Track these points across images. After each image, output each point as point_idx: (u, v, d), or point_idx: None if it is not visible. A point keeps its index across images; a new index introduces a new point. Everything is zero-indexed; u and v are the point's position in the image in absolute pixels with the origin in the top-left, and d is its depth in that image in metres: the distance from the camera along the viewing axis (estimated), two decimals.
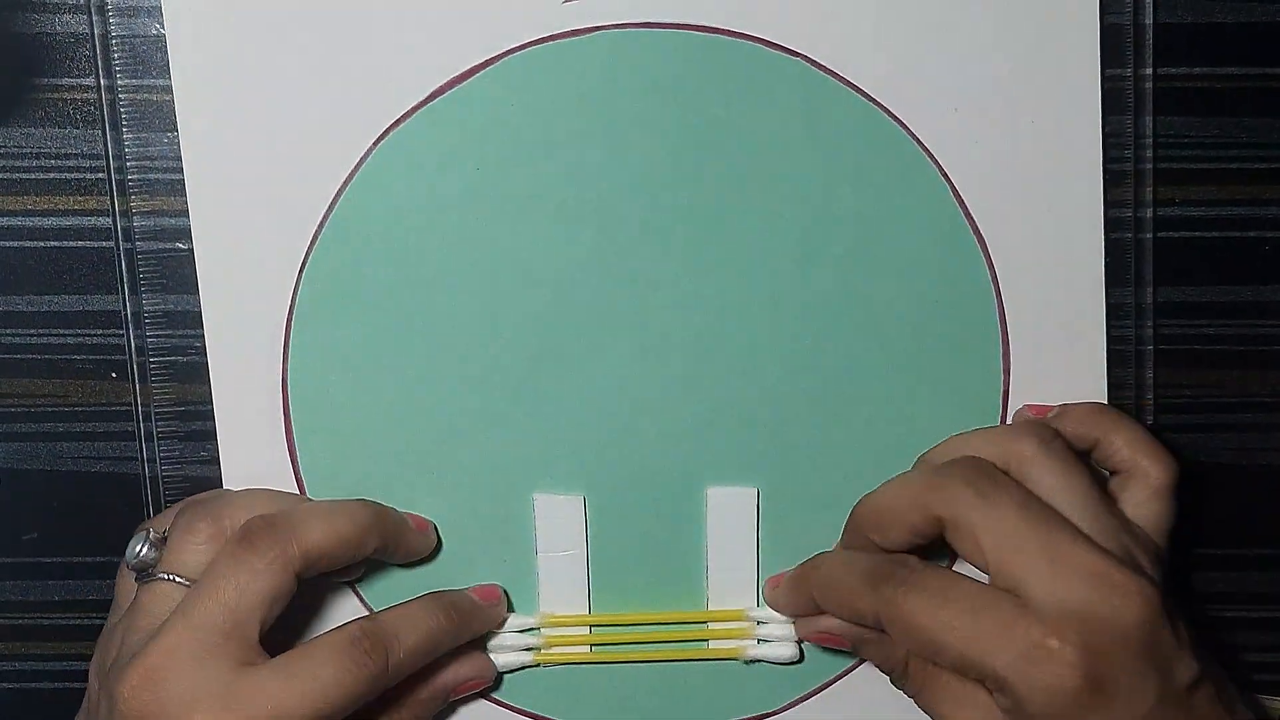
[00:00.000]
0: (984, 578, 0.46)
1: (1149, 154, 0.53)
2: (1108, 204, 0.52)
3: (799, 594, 0.51)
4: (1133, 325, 0.53)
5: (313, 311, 0.52)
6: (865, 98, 0.51)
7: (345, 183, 0.51)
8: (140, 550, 0.49)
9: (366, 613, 0.53)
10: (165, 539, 0.49)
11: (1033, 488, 0.47)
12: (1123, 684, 0.43)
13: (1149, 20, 0.52)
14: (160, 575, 0.48)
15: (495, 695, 0.54)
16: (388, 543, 0.51)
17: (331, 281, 0.52)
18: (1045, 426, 0.49)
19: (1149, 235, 0.53)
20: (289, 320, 0.52)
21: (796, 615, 0.52)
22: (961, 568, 0.47)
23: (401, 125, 0.51)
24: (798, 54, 0.51)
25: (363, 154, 0.51)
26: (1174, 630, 0.44)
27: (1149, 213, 0.53)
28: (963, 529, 0.46)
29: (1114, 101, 0.52)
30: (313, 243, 0.52)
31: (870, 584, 0.47)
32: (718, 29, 0.51)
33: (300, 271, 0.52)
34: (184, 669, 0.45)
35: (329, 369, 0.52)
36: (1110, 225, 0.52)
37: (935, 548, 0.48)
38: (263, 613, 0.46)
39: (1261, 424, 0.54)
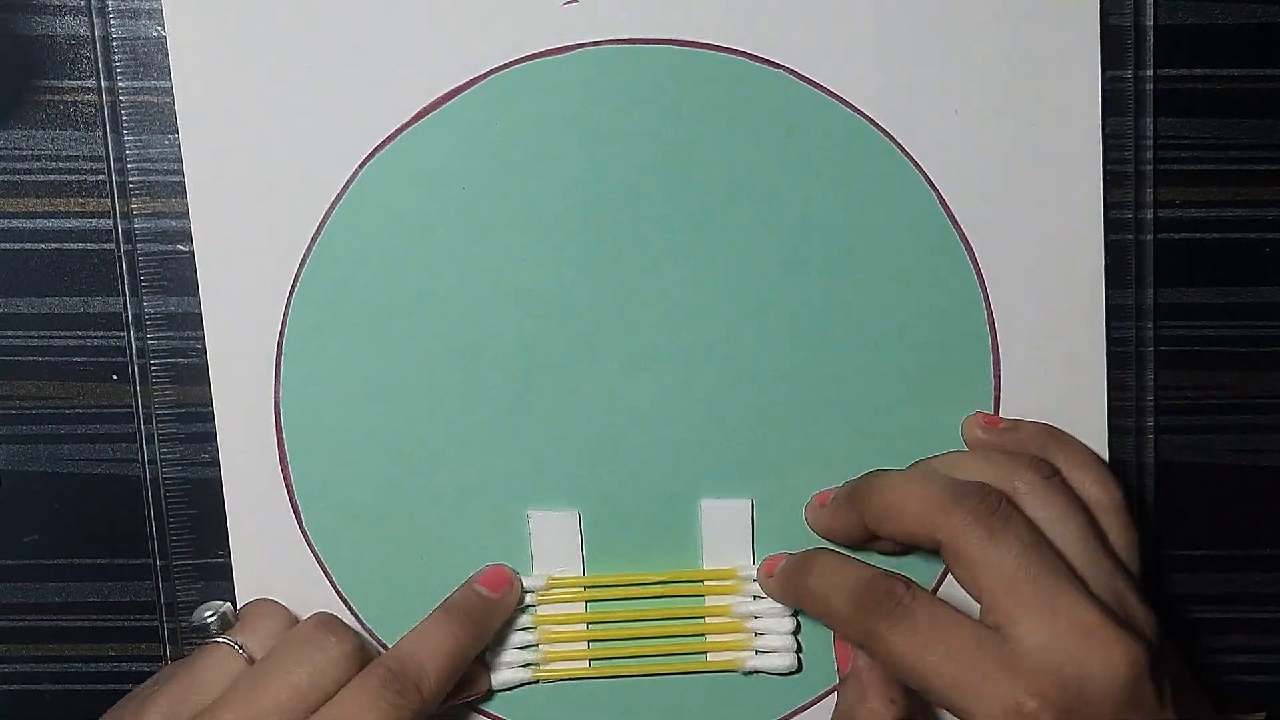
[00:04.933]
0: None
1: (1149, 155, 0.53)
2: (1108, 205, 0.52)
3: (787, 591, 0.51)
4: (1133, 327, 0.53)
5: (304, 329, 0.52)
6: (849, 108, 0.51)
7: (340, 192, 0.51)
8: (207, 616, 0.49)
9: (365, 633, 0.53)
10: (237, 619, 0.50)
11: (1038, 532, 0.46)
12: None
13: (1150, 21, 0.52)
14: (225, 640, 0.48)
15: (493, 712, 0.54)
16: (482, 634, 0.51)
17: (322, 298, 0.52)
18: (1043, 461, 0.49)
19: (1149, 237, 0.53)
20: (280, 338, 0.52)
21: (782, 603, 0.52)
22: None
23: (389, 145, 0.51)
24: (781, 66, 0.51)
25: (355, 166, 0.51)
26: (1158, 688, 0.44)
27: (1149, 214, 0.53)
28: (963, 562, 0.46)
29: (1114, 103, 0.52)
30: (305, 256, 0.52)
31: (858, 610, 0.46)
32: (700, 43, 0.51)
33: (293, 285, 0.52)
34: None
35: (321, 386, 0.52)
36: (1111, 227, 0.52)
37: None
38: (324, 700, 0.46)
39: (1262, 425, 0.54)
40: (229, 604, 0.51)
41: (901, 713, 0.48)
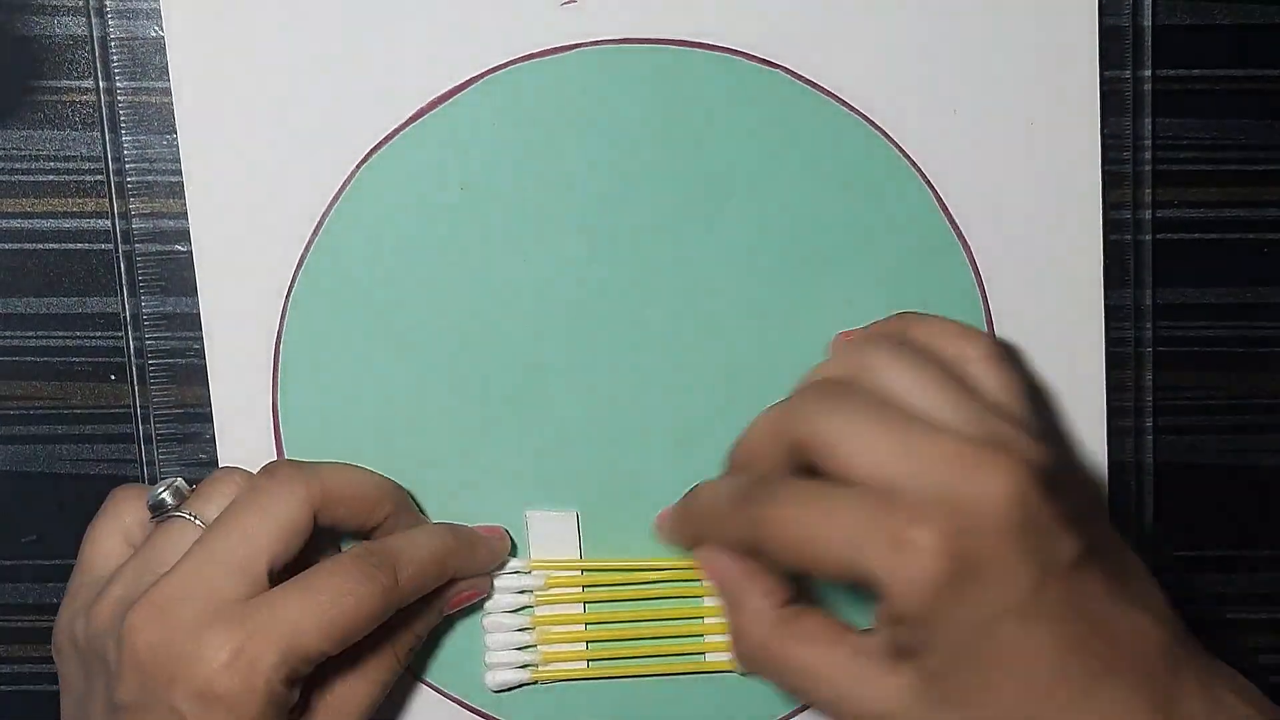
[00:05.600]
0: None
1: (1148, 156, 0.53)
2: (1106, 206, 0.52)
3: (684, 527, 0.50)
4: (1131, 327, 0.53)
5: (302, 329, 0.52)
6: (847, 107, 0.51)
7: (339, 192, 0.51)
8: (162, 493, 0.48)
9: None
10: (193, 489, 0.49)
11: (887, 396, 0.44)
12: (994, 566, 0.41)
13: (1147, 22, 0.52)
14: (181, 514, 0.48)
15: (491, 713, 0.54)
16: (400, 511, 0.50)
17: (320, 298, 0.52)
18: (889, 337, 0.48)
19: (1148, 237, 0.53)
20: (278, 339, 0.52)
21: (685, 549, 0.50)
22: None
23: (387, 145, 0.51)
24: (778, 66, 0.51)
25: (354, 166, 0.51)
26: (1051, 506, 0.41)
27: (1148, 215, 0.53)
28: (821, 445, 0.43)
29: (1113, 103, 0.52)
30: (303, 256, 0.52)
31: (739, 506, 0.45)
32: (697, 43, 0.51)
33: (291, 285, 0.52)
34: (196, 598, 0.44)
35: (319, 386, 0.52)
36: (1109, 227, 0.52)
37: None
38: (279, 545, 0.46)
39: (1261, 425, 0.54)
40: (181, 478, 0.49)
41: (785, 598, 0.46)
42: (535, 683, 0.54)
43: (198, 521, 0.47)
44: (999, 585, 0.41)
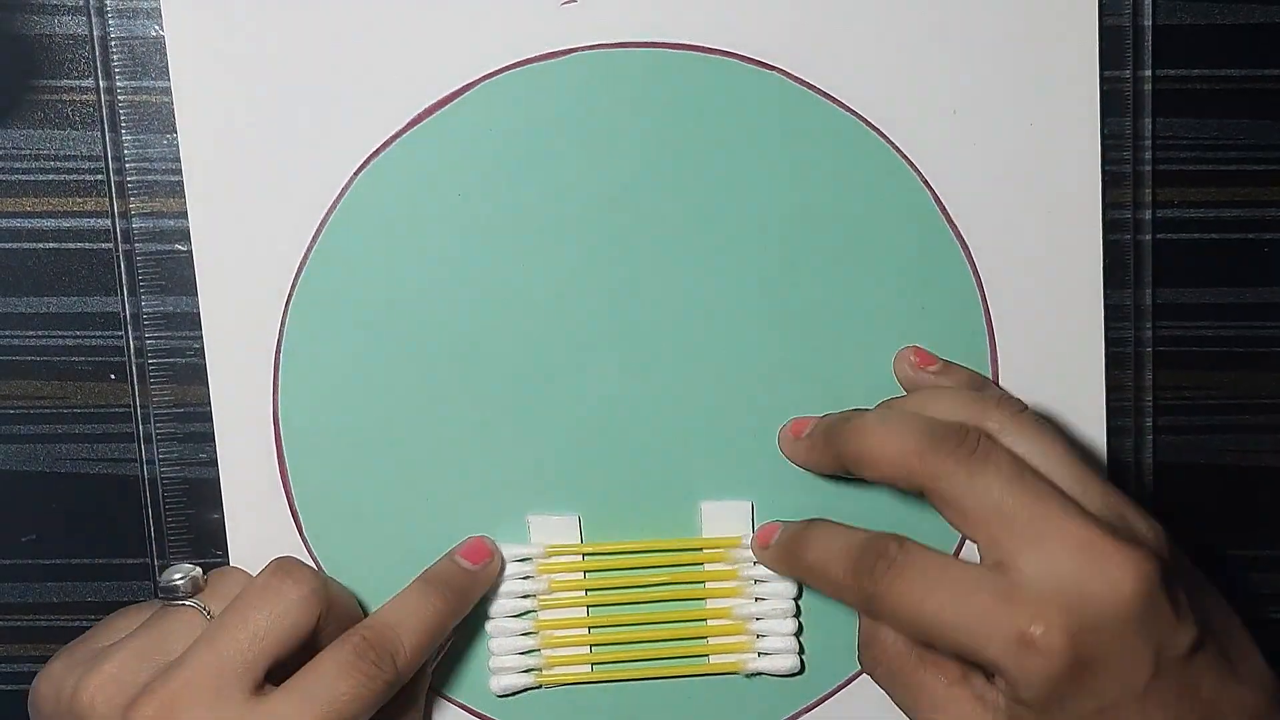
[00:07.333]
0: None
1: (1148, 156, 0.53)
2: (1106, 206, 0.52)
3: (784, 564, 0.50)
4: (1131, 327, 0.53)
5: (303, 330, 0.52)
6: (845, 109, 0.52)
7: (339, 195, 0.51)
8: (177, 579, 0.49)
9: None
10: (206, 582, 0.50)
11: (1021, 461, 0.45)
12: (1113, 660, 0.42)
13: (1148, 22, 0.52)
14: (190, 602, 0.48)
15: (496, 717, 0.54)
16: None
17: (321, 300, 0.52)
18: (1012, 397, 0.48)
19: (1148, 237, 0.53)
20: (279, 339, 0.52)
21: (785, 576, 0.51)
22: None
23: (387, 149, 0.51)
24: (775, 68, 0.51)
25: (353, 169, 0.51)
26: (1171, 597, 0.42)
27: (1148, 214, 0.53)
28: (950, 506, 0.44)
29: (1113, 103, 0.52)
30: (304, 258, 0.52)
31: (855, 571, 0.45)
32: (695, 46, 0.51)
33: (292, 286, 0.52)
34: (203, 695, 0.45)
35: (319, 388, 0.52)
36: (1109, 227, 0.52)
37: None
38: (284, 648, 0.46)
39: (1260, 425, 0.55)
40: (199, 569, 0.50)
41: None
42: (540, 686, 0.53)
43: (206, 614, 0.48)
44: (1117, 676, 0.42)
